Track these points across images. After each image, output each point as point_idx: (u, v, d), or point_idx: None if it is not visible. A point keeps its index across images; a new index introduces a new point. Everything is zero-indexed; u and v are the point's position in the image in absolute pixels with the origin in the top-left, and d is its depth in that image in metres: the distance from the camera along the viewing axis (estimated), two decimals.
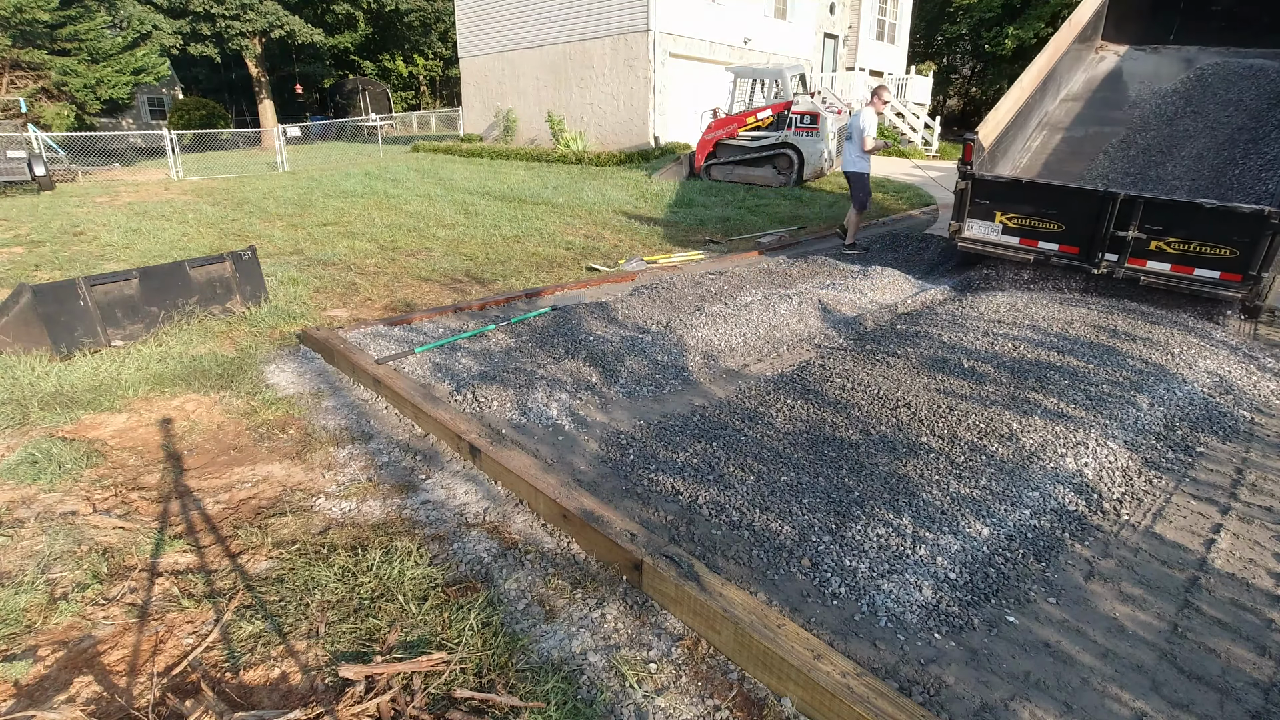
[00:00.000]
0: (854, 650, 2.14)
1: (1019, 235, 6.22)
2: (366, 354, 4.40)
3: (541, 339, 4.88)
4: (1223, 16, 8.03)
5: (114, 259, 7.23)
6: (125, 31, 22.50)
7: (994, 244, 6.39)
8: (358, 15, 38.21)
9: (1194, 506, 2.99)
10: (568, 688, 2.00)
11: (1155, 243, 5.50)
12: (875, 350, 4.66)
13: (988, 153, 6.43)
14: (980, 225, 6.39)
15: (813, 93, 14.17)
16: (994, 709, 1.95)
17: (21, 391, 3.91)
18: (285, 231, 8.85)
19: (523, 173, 15.15)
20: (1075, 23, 7.89)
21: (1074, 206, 5.83)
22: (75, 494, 2.98)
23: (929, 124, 20.27)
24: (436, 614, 2.28)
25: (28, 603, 2.30)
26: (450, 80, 47.29)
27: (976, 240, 6.48)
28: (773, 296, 5.72)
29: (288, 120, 32.58)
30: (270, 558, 2.57)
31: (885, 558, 2.53)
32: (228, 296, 5.38)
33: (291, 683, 2.02)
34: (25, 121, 17.50)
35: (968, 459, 3.20)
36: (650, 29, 16.73)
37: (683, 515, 2.84)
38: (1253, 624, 2.30)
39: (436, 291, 6.30)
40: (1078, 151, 7.47)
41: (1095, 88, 8.24)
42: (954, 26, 32.53)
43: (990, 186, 6.25)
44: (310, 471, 3.23)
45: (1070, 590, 2.45)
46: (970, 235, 6.47)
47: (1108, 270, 5.77)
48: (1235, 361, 4.62)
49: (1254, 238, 5.07)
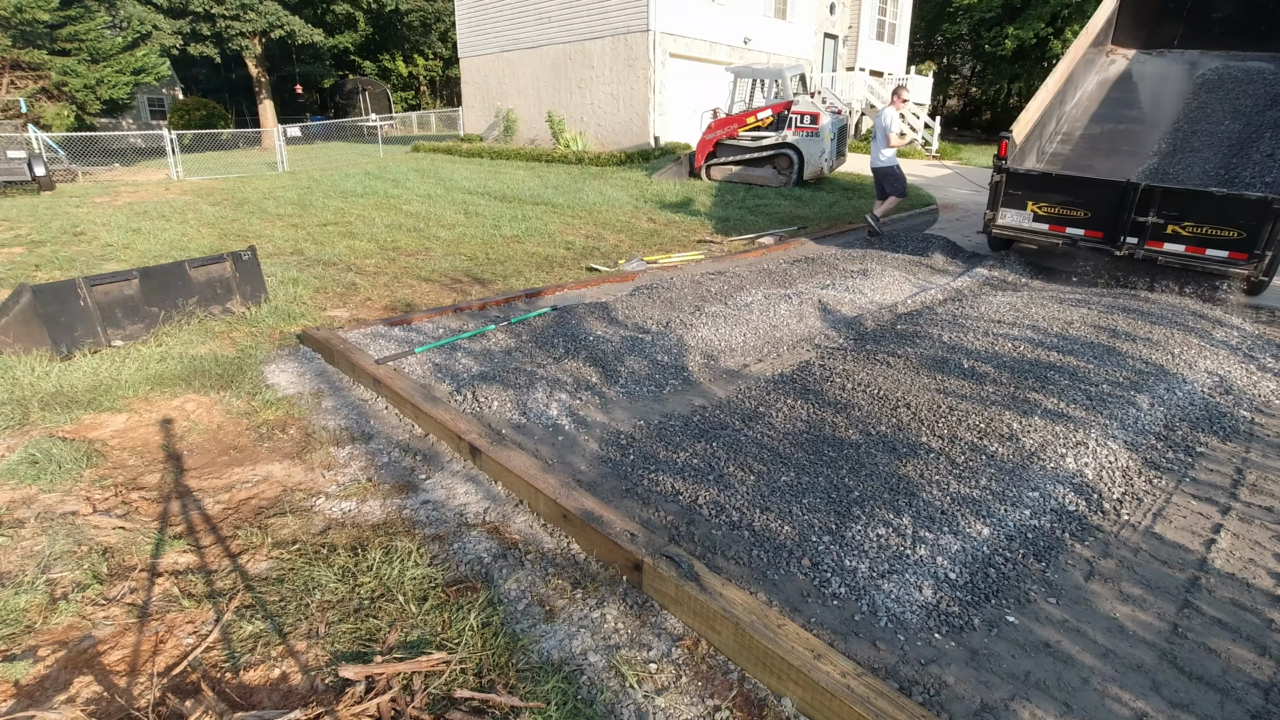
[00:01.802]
0: (854, 650, 2.14)
1: (1048, 222, 6.89)
2: (366, 354, 4.40)
3: (541, 339, 4.88)
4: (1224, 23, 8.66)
5: (114, 259, 7.23)
6: (125, 32, 22.48)
7: (1026, 230, 7.08)
8: (358, 15, 38.21)
9: (1194, 506, 2.99)
10: (568, 688, 2.00)
11: (1171, 227, 6.18)
12: (875, 350, 4.66)
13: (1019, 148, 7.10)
14: (1013, 214, 7.07)
15: (813, 93, 14.14)
16: (994, 709, 1.95)
17: (21, 391, 3.91)
18: (285, 231, 8.85)
19: (523, 173, 15.15)
20: (1090, 29, 8.51)
21: (1099, 196, 6.52)
22: (75, 494, 2.98)
23: (929, 124, 20.28)
24: (436, 614, 2.28)
25: (28, 603, 2.30)
26: (450, 80, 47.30)
27: (1010, 227, 7.15)
28: (773, 296, 5.72)
29: (288, 120, 32.59)
30: (270, 558, 2.57)
31: (885, 558, 2.53)
32: (228, 296, 5.38)
33: (291, 683, 2.02)
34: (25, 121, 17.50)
35: (968, 459, 3.20)
36: (650, 29, 16.72)
37: (683, 515, 2.84)
38: (1253, 624, 2.30)
39: (436, 291, 6.30)
40: (1095, 147, 8.12)
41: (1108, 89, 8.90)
42: (954, 26, 32.51)
43: (1023, 179, 6.95)
44: (310, 471, 3.23)
45: (1070, 590, 2.45)
46: (1004, 223, 7.15)
47: (1129, 252, 6.44)
48: (1235, 361, 4.63)
49: (1259, 221, 5.75)
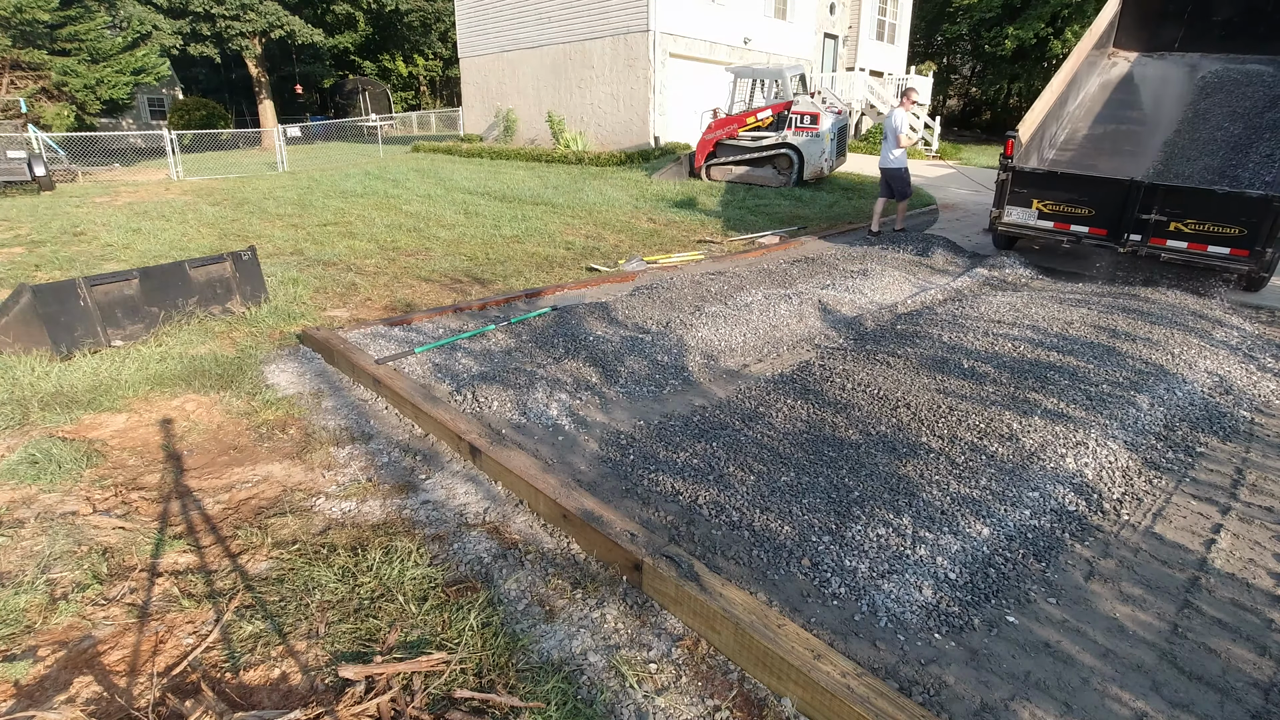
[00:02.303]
0: (854, 650, 2.14)
1: (1054, 220, 6.98)
2: (366, 354, 4.40)
3: (541, 339, 4.88)
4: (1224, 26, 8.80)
5: (114, 259, 7.23)
6: (125, 32, 22.47)
7: (1031, 227, 7.16)
8: (358, 15, 38.19)
9: (1194, 506, 2.99)
10: (568, 688, 2.00)
11: (1174, 224, 6.29)
12: (875, 350, 4.66)
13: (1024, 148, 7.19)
14: (1019, 211, 7.15)
15: (813, 93, 14.13)
16: (994, 709, 1.95)
17: (21, 391, 3.91)
18: (285, 231, 8.85)
19: (523, 173, 15.15)
20: (1094, 31, 8.62)
21: (1103, 194, 6.63)
22: (75, 494, 2.98)
23: (929, 124, 20.28)
24: (436, 614, 2.28)
25: (28, 603, 2.30)
26: (450, 80, 47.28)
27: (1015, 225, 7.24)
28: (773, 296, 5.72)
29: (288, 120, 32.57)
30: (270, 558, 2.57)
31: (885, 558, 2.53)
32: (228, 296, 5.38)
33: (291, 683, 2.02)
34: (25, 121, 17.49)
35: (968, 459, 3.20)
36: (650, 29, 16.72)
37: (683, 515, 2.84)
38: (1253, 624, 2.30)
39: (436, 291, 6.30)
40: (1099, 147, 8.23)
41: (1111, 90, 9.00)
42: (954, 26, 32.50)
43: (1029, 177, 7.03)
44: (310, 471, 3.23)
45: (1070, 590, 2.45)
46: (1010, 220, 7.24)
47: (1132, 249, 6.55)
48: (1235, 361, 4.63)
49: (1260, 218, 5.85)
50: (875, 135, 21.09)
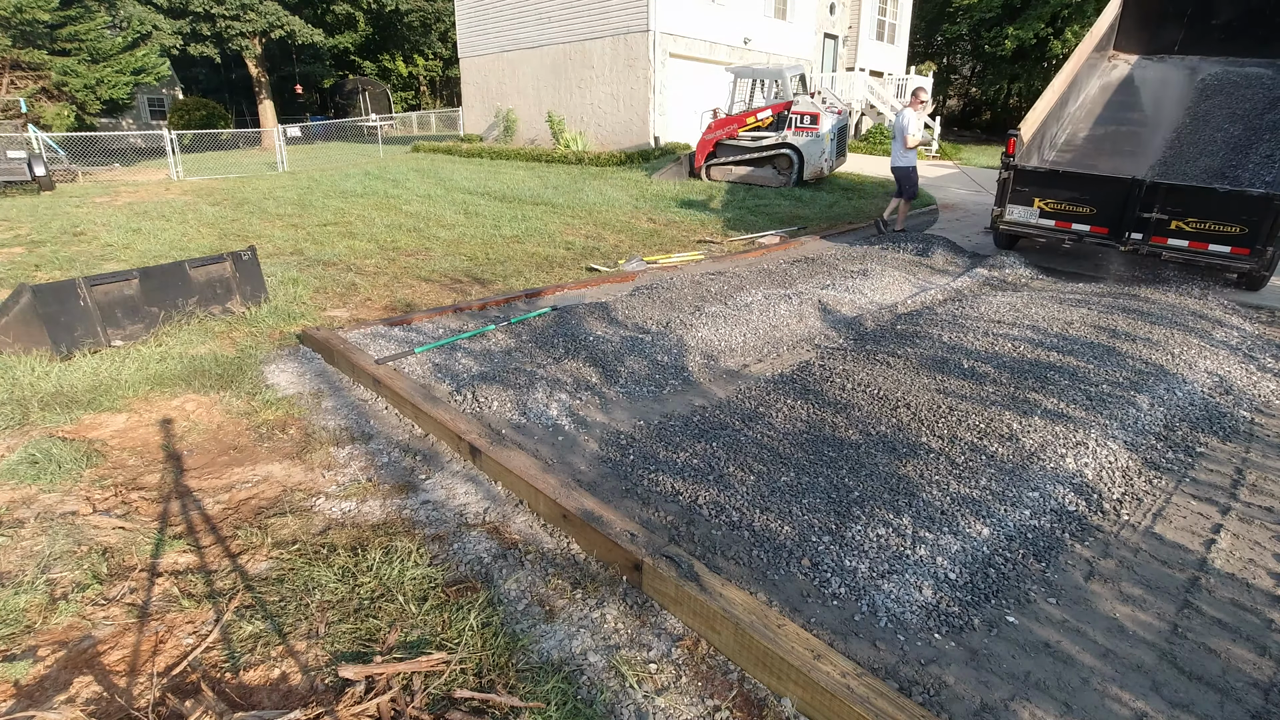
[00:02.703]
0: (854, 650, 2.14)
1: (1055, 218, 7.01)
2: (366, 354, 4.40)
3: (541, 339, 4.88)
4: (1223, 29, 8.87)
5: (114, 259, 7.23)
6: (125, 32, 22.47)
7: (1032, 226, 7.19)
8: (358, 15, 38.18)
9: (1194, 507, 2.99)
10: (568, 688, 2.00)
11: (1175, 223, 6.32)
12: (875, 350, 4.66)
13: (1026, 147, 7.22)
14: (1020, 210, 7.18)
15: (813, 93, 14.13)
16: (994, 709, 1.95)
17: (21, 391, 3.91)
18: (285, 231, 8.85)
19: (523, 173, 15.15)
20: (1094, 34, 8.68)
21: (1105, 192, 6.66)
22: (75, 494, 2.98)
23: (929, 124, 20.28)
24: (436, 614, 2.28)
25: (28, 603, 2.30)
26: (450, 80, 47.27)
27: (1017, 223, 7.28)
28: (772, 297, 5.72)
29: (288, 120, 32.56)
30: (270, 558, 2.57)
31: (885, 558, 2.53)
32: (228, 296, 5.38)
33: (291, 683, 2.01)
34: (25, 121, 17.49)
35: (968, 459, 3.20)
36: (650, 29, 16.72)
37: (683, 515, 2.84)
38: (1253, 624, 2.30)
39: (436, 292, 6.30)
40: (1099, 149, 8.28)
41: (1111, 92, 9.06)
42: (954, 26, 32.48)
43: (1031, 175, 7.06)
44: (310, 472, 3.23)
45: (1070, 590, 2.45)
46: (1011, 219, 7.27)
47: (1134, 247, 6.57)
48: (1235, 361, 4.63)
49: (1260, 217, 5.89)
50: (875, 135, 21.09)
